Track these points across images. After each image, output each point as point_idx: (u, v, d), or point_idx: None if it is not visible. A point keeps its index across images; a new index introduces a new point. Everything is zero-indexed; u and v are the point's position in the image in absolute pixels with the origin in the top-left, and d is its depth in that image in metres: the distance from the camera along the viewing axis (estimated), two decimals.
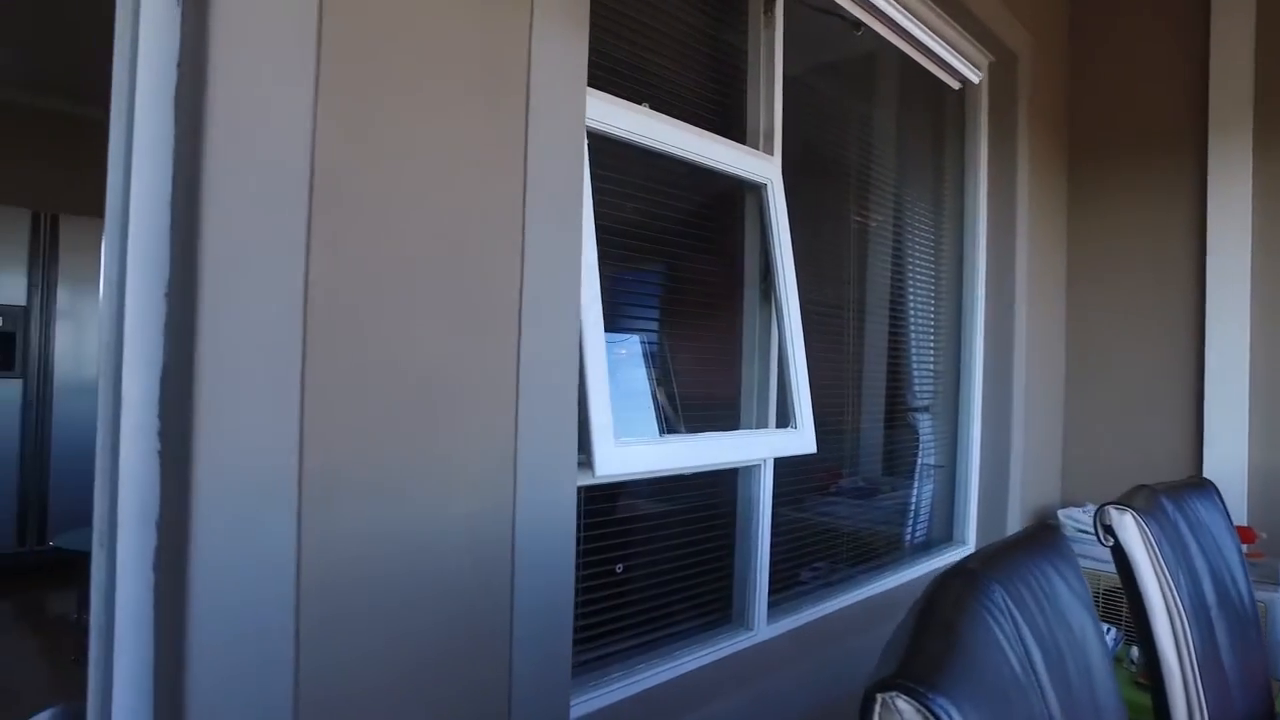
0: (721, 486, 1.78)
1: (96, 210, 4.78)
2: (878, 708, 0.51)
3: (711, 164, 1.60)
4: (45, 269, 4.34)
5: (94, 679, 0.92)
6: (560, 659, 1.19)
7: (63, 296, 4.38)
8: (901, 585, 2.29)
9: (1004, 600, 0.74)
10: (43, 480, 4.32)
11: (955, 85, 2.60)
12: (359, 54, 0.96)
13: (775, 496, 1.79)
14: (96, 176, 4.17)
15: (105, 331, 0.91)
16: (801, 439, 1.69)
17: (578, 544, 1.22)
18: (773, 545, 1.80)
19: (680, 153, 1.51)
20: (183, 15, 0.90)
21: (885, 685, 0.51)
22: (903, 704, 0.50)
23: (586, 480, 1.24)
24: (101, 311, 0.91)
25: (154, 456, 0.89)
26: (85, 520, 3.64)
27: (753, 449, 1.61)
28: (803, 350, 1.72)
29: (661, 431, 1.49)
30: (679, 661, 1.55)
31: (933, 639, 0.60)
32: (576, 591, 1.23)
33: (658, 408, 1.52)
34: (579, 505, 1.24)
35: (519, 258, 1.12)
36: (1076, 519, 2.66)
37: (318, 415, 0.92)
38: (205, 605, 0.83)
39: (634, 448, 1.29)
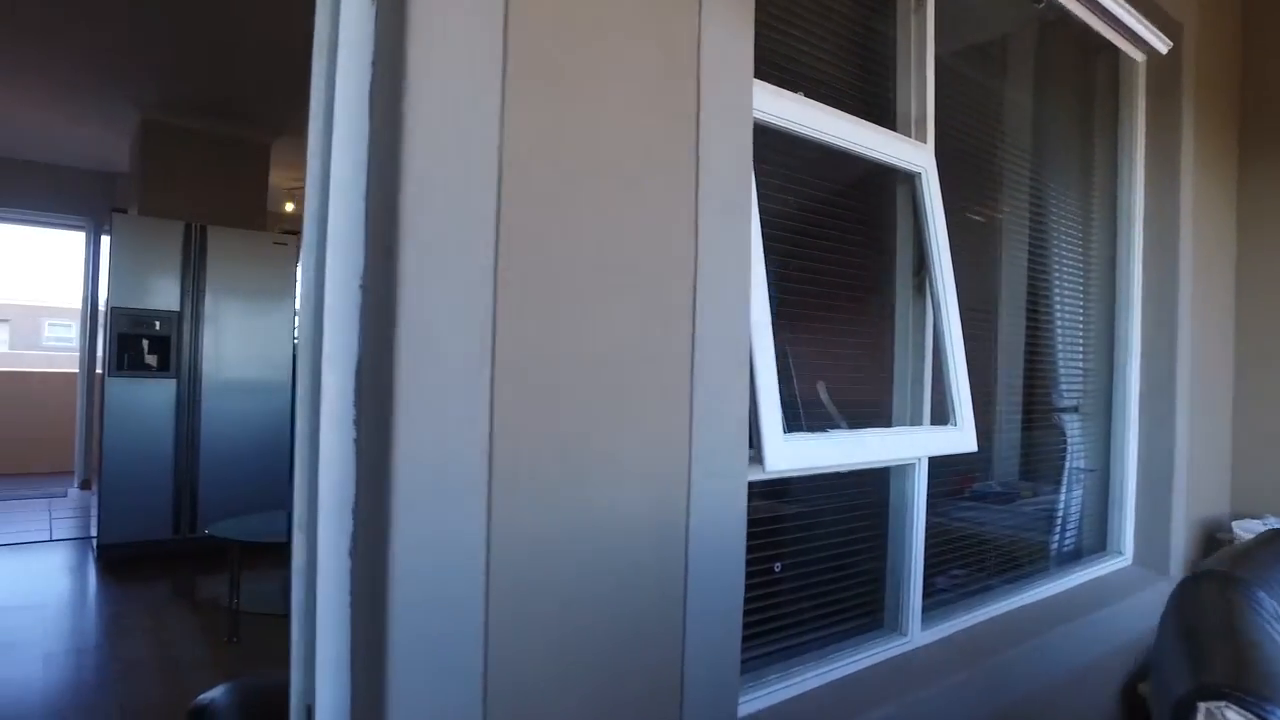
0: (870, 486, 1.71)
1: (238, 222, 5.12)
2: (1201, 718, 0.45)
3: (867, 153, 1.54)
4: (195, 276, 4.65)
5: (296, 657, 0.95)
6: (730, 658, 1.16)
7: (209, 302, 4.68)
8: (1055, 596, 2.15)
9: (1272, 605, 0.67)
10: (193, 473, 4.63)
11: (1139, 57, 2.43)
12: (541, 46, 0.96)
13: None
14: (239, 190, 4.46)
15: (305, 323, 0.94)
16: (962, 437, 1.60)
17: None
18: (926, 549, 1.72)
19: (839, 142, 1.46)
20: (377, 13, 0.92)
21: (1210, 694, 0.45)
22: (1233, 715, 0.44)
23: (756, 475, 1.20)
24: (301, 304, 0.94)
25: (350, 445, 0.92)
26: (231, 511, 3.88)
27: (915, 446, 1.54)
28: (961, 345, 1.64)
29: (794, 429, 1.44)
30: (835, 665, 1.50)
31: (1224, 645, 0.53)
32: None
33: (801, 404, 1.48)
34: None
35: (693, 248, 1.10)
36: (1255, 533, 2.44)
37: (506, 403, 0.92)
38: (405, 594, 0.85)
39: (802, 443, 1.25)
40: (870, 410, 1.72)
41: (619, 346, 1.03)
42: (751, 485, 1.37)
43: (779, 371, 1.23)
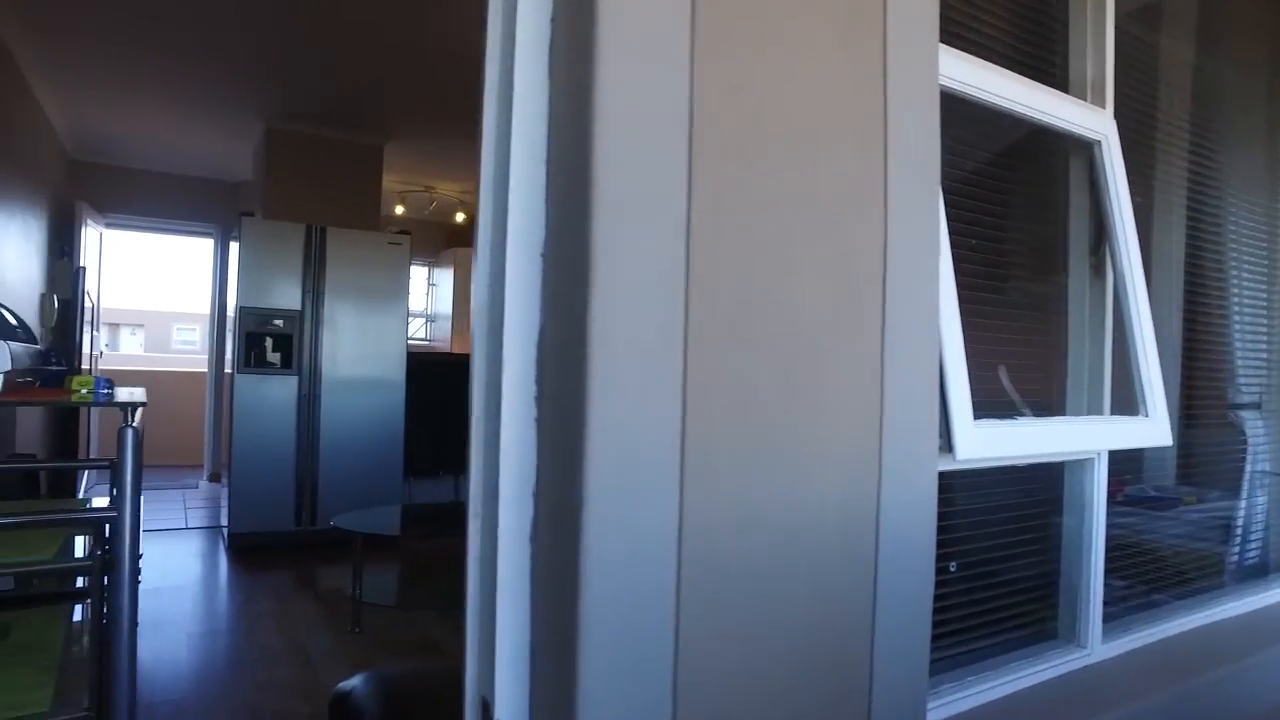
0: (1039, 482, 1.57)
1: (355, 223, 5.29)
2: None
3: (1043, 119, 1.41)
4: (315, 276, 4.81)
5: (472, 648, 0.90)
6: (919, 661, 1.06)
7: (328, 301, 4.84)
8: (1254, 613, 1.94)
9: None
10: (314, 467, 4.79)
11: None
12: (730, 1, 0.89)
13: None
14: (355, 192, 4.58)
15: (481, 297, 0.89)
16: (1154, 428, 1.44)
17: None
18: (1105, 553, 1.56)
19: (1016, 107, 1.33)
20: None
21: None
22: None
23: (947, 465, 1.10)
24: (477, 276, 0.90)
25: (531, 424, 0.86)
26: (348, 505, 3.97)
27: (1103, 437, 1.39)
28: (1151, 327, 1.48)
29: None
30: (1011, 676, 1.37)
31: None
32: None
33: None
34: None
35: (882, 215, 1.01)
36: None
37: (698, 379, 0.85)
38: (598, 583, 0.78)
39: (992, 430, 1.14)
40: (1041, 399, 1.58)
41: (810, 320, 0.94)
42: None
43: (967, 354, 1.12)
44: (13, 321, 1.66)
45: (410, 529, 3.95)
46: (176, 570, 4.26)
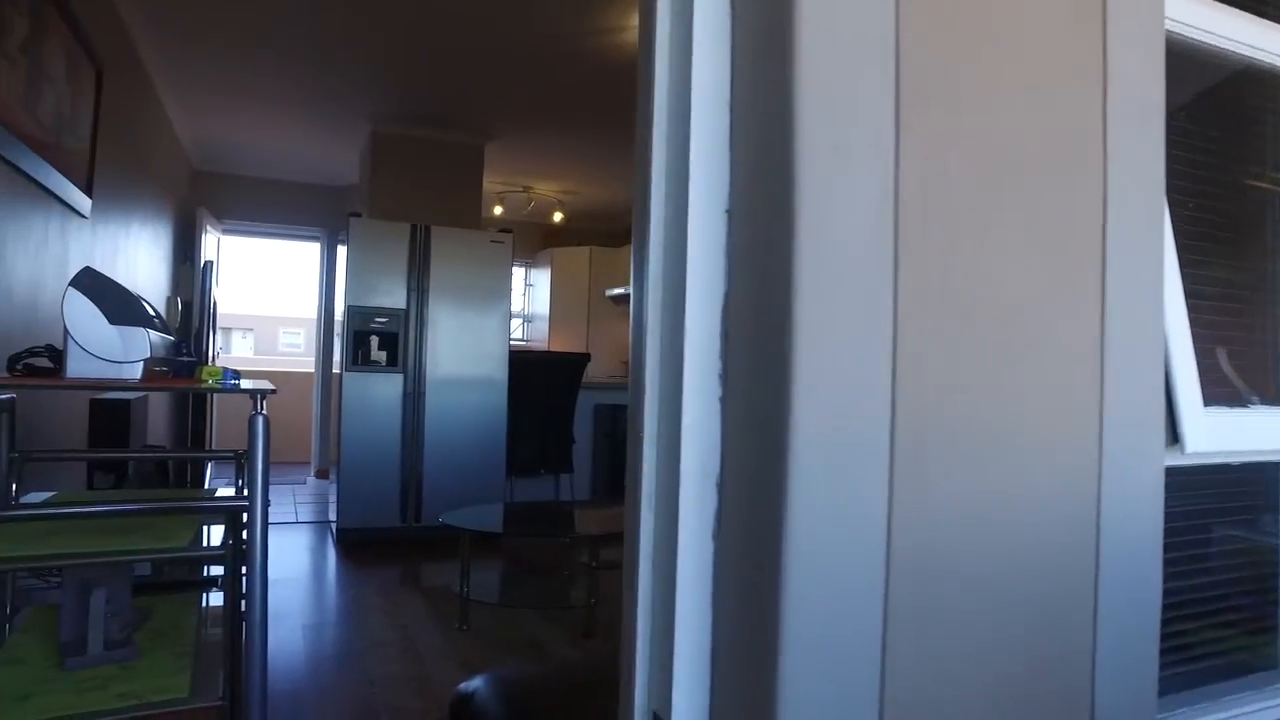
0: (1242, 487, 1.37)
1: (457, 223, 5.35)
2: None
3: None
4: (420, 274, 4.88)
5: (641, 656, 0.81)
6: (1146, 676, 0.91)
7: (433, 299, 4.90)
8: None
9: None
10: (418, 464, 4.85)
11: None
12: None
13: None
14: (457, 192, 4.62)
15: (656, 262, 0.80)
16: None
17: None
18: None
19: (1248, 51, 1.16)
20: None
21: None
22: None
23: (1174, 459, 0.95)
24: (653, 241, 0.80)
25: (715, 405, 0.77)
26: (451, 503, 3.98)
27: None
28: None
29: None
30: (1231, 712, 1.19)
31: None
32: None
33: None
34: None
35: (1100, 176, 0.87)
36: None
37: (907, 356, 0.73)
38: (800, 585, 0.68)
39: (1225, 418, 0.98)
40: (1264, 388, 1.38)
41: (1021, 289, 0.82)
42: None
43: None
44: (151, 312, 1.67)
45: (513, 527, 3.94)
46: (288, 563, 4.37)
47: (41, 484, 2.23)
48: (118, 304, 1.43)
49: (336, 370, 5.08)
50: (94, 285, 1.42)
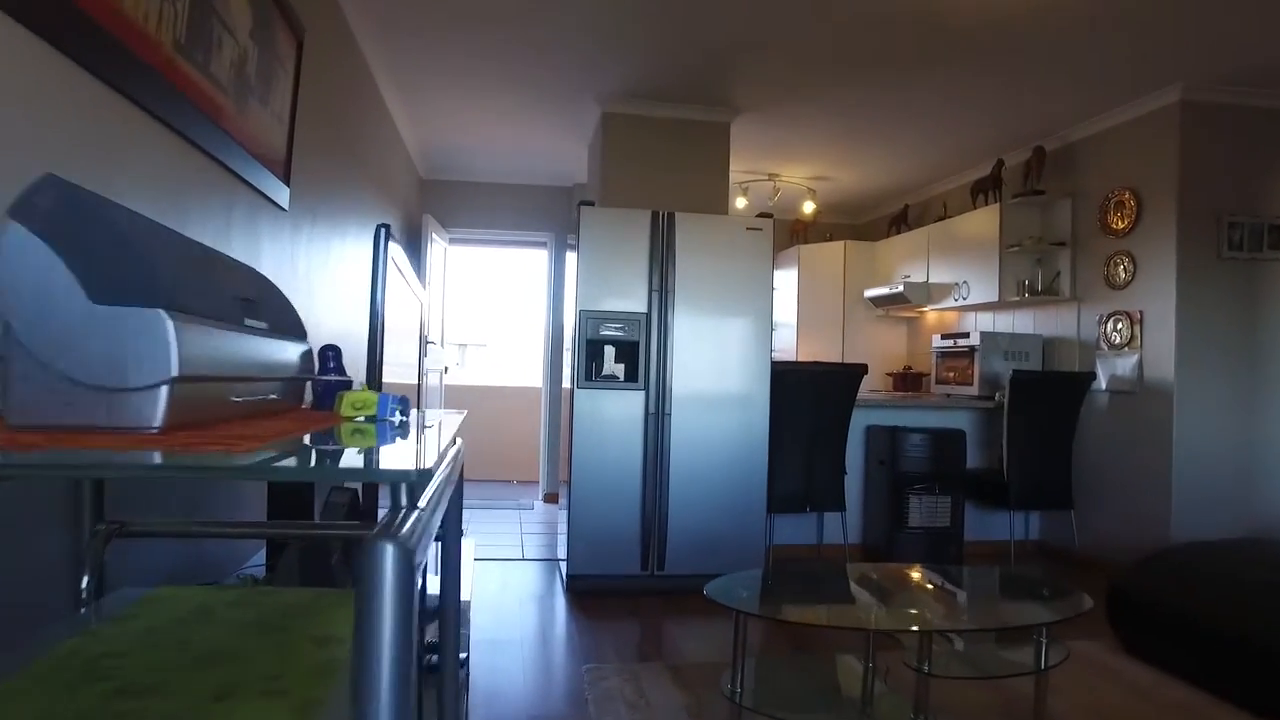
0: None
1: (702, 210, 4.48)
2: None
3: None
4: (663, 272, 4.04)
5: None
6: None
7: (679, 300, 4.04)
8: None
9: None
10: (663, 498, 4.00)
11: None
12: None
13: None
14: (701, 174, 3.61)
15: None
16: None
17: None
18: None
19: None
20: None
21: None
22: None
23: None
24: None
25: None
26: (704, 545, 2.84)
27: None
28: None
29: None
30: None
31: None
32: None
33: None
34: None
35: None
36: None
37: None
38: None
39: None
40: None
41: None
42: None
43: None
44: (231, 282, 0.86)
45: (807, 605, 2.92)
46: (512, 615, 3.67)
47: (168, 559, 1.56)
48: (111, 258, 0.62)
49: (566, 385, 4.38)
50: (62, 215, 0.63)
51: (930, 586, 2.84)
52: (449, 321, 6.65)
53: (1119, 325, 4.65)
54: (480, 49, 4.08)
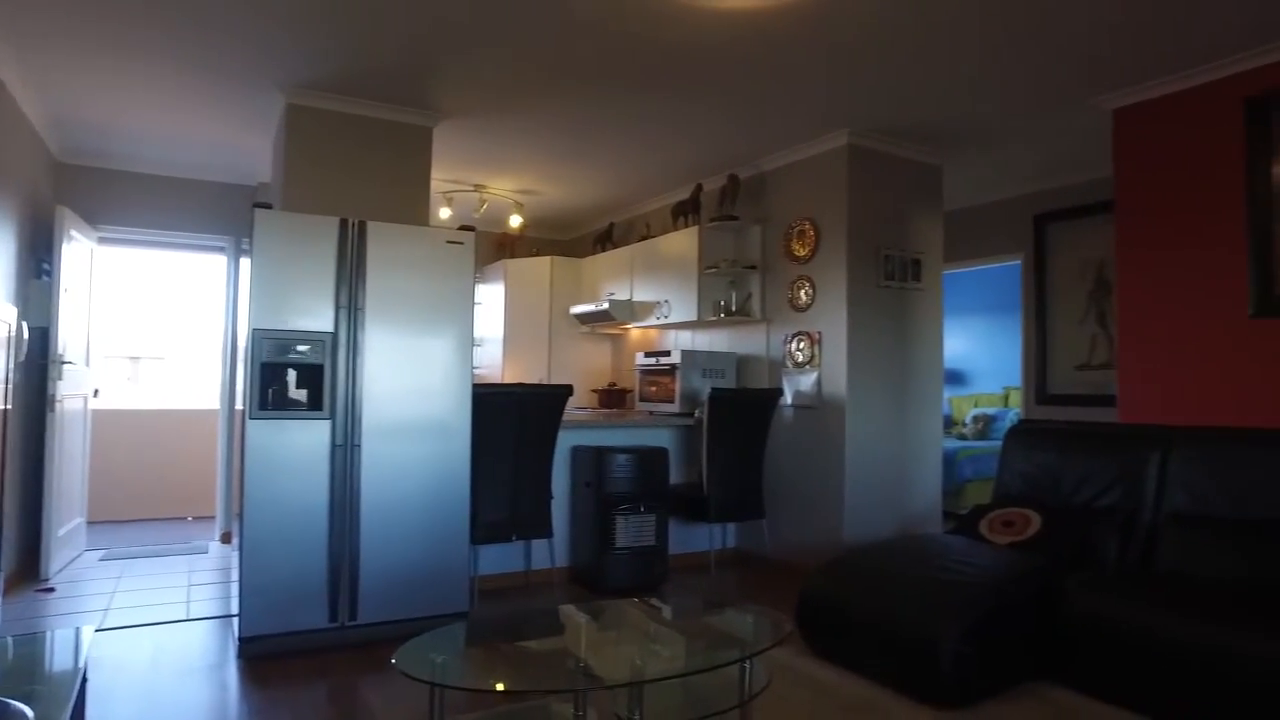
0: None
1: (399, 220, 4.09)
2: None
3: None
4: (352, 286, 3.63)
5: None
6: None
7: (370, 317, 3.65)
8: None
9: None
10: (353, 540, 3.58)
11: None
12: None
13: None
14: (399, 182, 2.84)
15: None
16: None
17: None
18: None
19: None
20: None
21: None
22: None
23: None
24: None
25: None
26: (402, 587, 2.15)
27: None
28: None
29: None
30: None
31: None
32: None
33: None
34: None
35: None
36: None
37: None
38: None
39: None
40: None
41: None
42: None
43: None
44: None
45: (492, 651, 2.71)
46: (165, 700, 3.03)
47: None
48: None
49: (242, 411, 3.77)
50: None
51: (640, 629, 2.80)
52: (109, 334, 5.54)
53: (801, 344, 5.07)
54: (128, 10, 3.38)
